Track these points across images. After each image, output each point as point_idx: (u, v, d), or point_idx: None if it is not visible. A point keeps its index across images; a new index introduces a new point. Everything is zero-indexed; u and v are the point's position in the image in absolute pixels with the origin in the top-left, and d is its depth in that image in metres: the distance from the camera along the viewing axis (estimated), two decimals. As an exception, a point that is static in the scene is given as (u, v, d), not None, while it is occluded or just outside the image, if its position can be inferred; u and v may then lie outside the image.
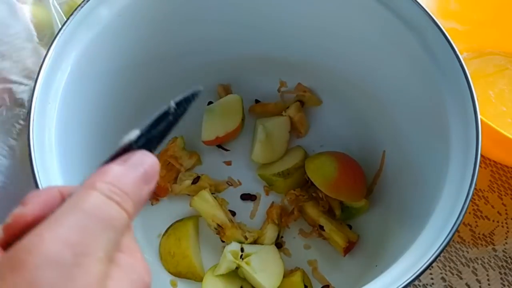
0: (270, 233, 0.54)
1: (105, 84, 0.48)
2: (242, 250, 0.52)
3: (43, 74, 0.42)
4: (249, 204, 0.57)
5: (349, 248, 0.53)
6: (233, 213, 0.56)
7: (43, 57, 0.42)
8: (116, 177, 0.23)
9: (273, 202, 0.56)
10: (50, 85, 0.42)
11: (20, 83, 0.45)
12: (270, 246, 0.53)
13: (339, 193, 0.53)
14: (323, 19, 0.51)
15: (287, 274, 0.52)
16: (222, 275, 0.51)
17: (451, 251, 0.57)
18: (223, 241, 0.54)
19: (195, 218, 0.55)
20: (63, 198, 0.23)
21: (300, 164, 0.56)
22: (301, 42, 0.55)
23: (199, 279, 0.52)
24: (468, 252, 0.58)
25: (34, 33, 0.47)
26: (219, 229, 0.53)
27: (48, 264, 0.19)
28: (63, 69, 0.43)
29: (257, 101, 0.61)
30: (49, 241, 0.20)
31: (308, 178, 0.55)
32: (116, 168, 0.23)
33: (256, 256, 0.51)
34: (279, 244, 0.55)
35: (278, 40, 0.55)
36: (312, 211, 0.54)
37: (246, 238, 0.53)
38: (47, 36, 0.48)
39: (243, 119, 0.59)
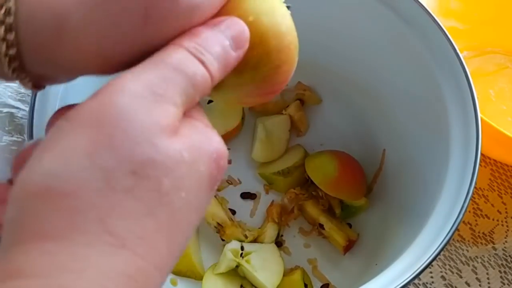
0: (270, 231, 0.54)
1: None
2: (242, 248, 0.52)
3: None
4: (249, 203, 0.57)
5: (349, 246, 0.53)
6: (233, 212, 0.56)
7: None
8: (204, 38, 0.23)
9: (273, 201, 0.56)
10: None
11: (18, 108, 0.45)
12: (270, 244, 0.53)
13: (339, 192, 0.54)
14: (323, 18, 0.51)
15: (287, 272, 0.52)
16: (222, 274, 0.51)
17: (451, 250, 0.57)
18: (223, 240, 0.54)
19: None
20: None
21: (300, 163, 0.56)
22: (301, 41, 0.55)
23: (199, 277, 0.52)
24: (468, 251, 0.58)
25: None
26: (219, 228, 0.53)
27: (122, 95, 0.20)
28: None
29: (257, 100, 0.61)
30: (130, 82, 0.21)
31: (308, 176, 0.55)
32: (205, 30, 0.23)
33: (256, 254, 0.52)
34: (279, 242, 0.55)
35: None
36: (312, 209, 0.54)
37: (246, 237, 0.53)
38: None
39: (243, 118, 0.59)
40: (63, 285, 0.18)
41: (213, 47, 0.23)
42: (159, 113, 0.21)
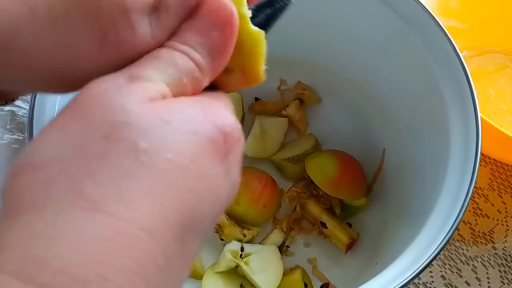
0: (274, 237, 0.53)
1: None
2: (242, 249, 0.52)
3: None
4: (249, 202, 0.57)
5: (350, 245, 0.53)
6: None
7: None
8: (182, 33, 0.23)
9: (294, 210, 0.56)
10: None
11: (20, 107, 0.45)
12: (271, 246, 0.53)
13: (339, 192, 0.53)
14: (323, 18, 0.51)
15: (287, 272, 0.52)
16: (222, 273, 0.51)
17: (451, 249, 0.57)
18: (222, 240, 0.54)
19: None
20: None
21: (311, 151, 0.56)
22: (301, 40, 0.55)
23: (198, 277, 0.52)
24: (468, 250, 0.58)
25: None
26: (218, 228, 0.53)
27: (104, 82, 0.21)
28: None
29: (256, 99, 0.61)
30: (109, 75, 0.21)
31: (308, 176, 0.55)
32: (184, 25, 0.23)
33: (256, 256, 0.51)
34: (281, 244, 0.54)
35: (278, 39, 0.55)
36: (314, 208, 0.54)
37: (244, 236, 0.53)
38: None
39: (243, 118, 0.59)
40: (36, 254, 0.18)
41: (190, 39, 0.23)
42: (133, 88, 0.21)
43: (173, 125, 0.20)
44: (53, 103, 0.42)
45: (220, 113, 0.22)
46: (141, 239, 0.19)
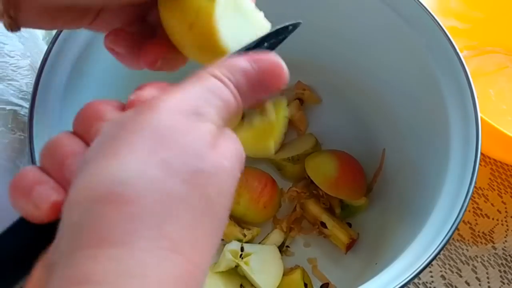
0: (274, 237, 0.54)
1: (106, 82, 0.48)
2: (242, 249, 0.52)
3: (44, 72, 0.42)
4: (249, 202, 0.57)
5: (350, 245, 0.53)
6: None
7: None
8: (237, 76, 0.25)
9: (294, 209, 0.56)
10: (50, 83, 0.42)
11: (21, 106, 0.45)
12: (271, 246, 0.53)
13: (339, 192, 0.54)
14: (323, 17, 0.51)
15: (287, 272, 0.52)
16: (222, 273, 0.51)
17: (451, 249, 0.57)
18: (222, 239, 0.54)
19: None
20: None
21: (310, 151, 0.56)
22: (301, 40, 0.55)
23: (203, 275, 0.52)
24: (468, 250, 0.58)
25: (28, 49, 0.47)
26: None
27: (173, 112, 0.22)
28: (63, 67, 0.43)
29: (257, 99, 0.61)
30: (174, 99, 0.23)
31: (308, 176, 0.55)
32: (242, 64, 0.25)
33: (255, 256, 0.51)
34: (281, 244, 0.54)
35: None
36: (314, 208, 0.54)
37: (244, 235, 0.53)
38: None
39: (243, 117, 0.58)
40: None
41: (243, 88, 0.25)
42: (203, 131, 0.23)
43: (227, 169, 0.23)
44: (53, 103, 0.42)
45: (239, 147, 0.25)
46: (200, 279, 0.21)
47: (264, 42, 0.28)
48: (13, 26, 0.28)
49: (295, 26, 0.30)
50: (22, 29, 0.29)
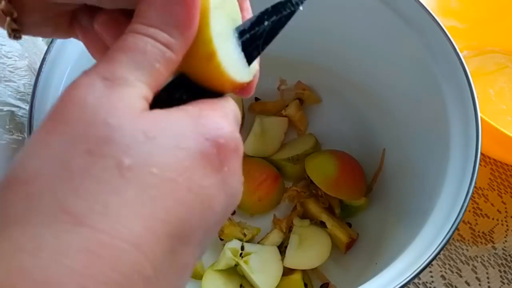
0: (274, 237, 0.54)
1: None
2: (242, 248, 0.52)
3: (43, 73, 0.42)
4: (249, 202, 0.57)
5: (350, 244, 0.53)
6: (232, 212, 0.56)
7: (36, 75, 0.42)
8: (143, 12, 0.23)
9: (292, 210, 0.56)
10: (50, 83, 0.42)
11: (19, 107, 0.45)
12: (271, 247, 0.53)
13: (339, 192, 0.54)
14: (323, 18, 0.51)
15: (287, 272, 0.52)
16: (222, 272, 0.51)
17: (451, 249, 0.57)
18: (221, 239, 0.54)
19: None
20: None
21: (310, 151, 0.56)
22: (301, 40, 0.55)
23: (198, 277, 0.52)
24: (467, 250, 0.58)
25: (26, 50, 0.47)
26: (218, 228, 0.53)
27: (81, 86, 0.21)
28: (63, 67, 0.43)
29: (256, 99, 0.61)
30: (84, 76, 0.22)
31: (308, 176, 0.55)
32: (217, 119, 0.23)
33: (255, 255, 0.51)
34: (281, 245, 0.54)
35: (278, 39, 0.55)
36: (313, 207, 0.54)
37: (244, 235, 0.53)
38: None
39: (243, 118, 0.59)
40: (20, 266, 0.18)
41: (152, 18, 0.23)
42: (114, 97, 0.21)
43: (158, 141, 0.21)
44: (53, 103, 0.42)
45: (214, 124, 0.22)
46: (126, 252, 0.19)
47: (263, 21, 0.26)
48: (15, 31, 0.27)
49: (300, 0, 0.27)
50: None
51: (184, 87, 0.24)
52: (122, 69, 0.22)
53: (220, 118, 0.23)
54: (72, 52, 0.43)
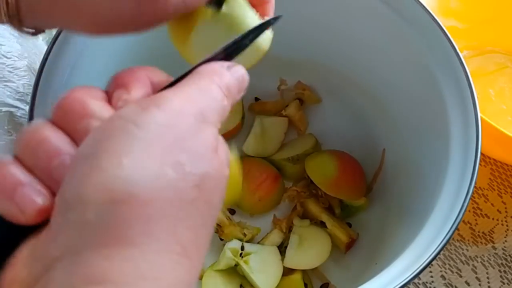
0: (274, 237, 0.54)
1: (105, 82, 0.48)
2: (242, 248, 0.52)
3: (44, 73, 0.42)
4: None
5: (350, 244, 0.53)
6: (232, 212, 0.56)
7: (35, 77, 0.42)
8: (228, 82, 0.26)
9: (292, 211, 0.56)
10: (50, 83, 0.42)
11: (18, 107, 0.45)
12: (272, 247, 0.53)
13: (339, 192, 0.53)
14: (323, 18, 0.51)
15: (287, 272, 0.52)
16: (222, 272, 0.51)
17: (451, 249, 0.57)
18: (221, 239, 0.54)
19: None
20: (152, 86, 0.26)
21: (310, 151, 0.56)
22: (301, 40, 0.55)
23: (198, 277, 0.52)
24: (467, 250, 0.58)
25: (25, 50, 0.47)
26: (217, 228, 0.53)
27: (181, 113, 0.22)
28: (63, 67, 0.43)
29: (256, 99, 0.61)
30: (179, 99, 0.23)
31: (308, 176, 0.55)
32: (228, 75, 0.26)
33: (255, 255, 0.51)
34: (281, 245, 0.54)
35: (278, 39, 0.55)
36: (313, 207, 0.54)
37: (244, 235, 0.53)
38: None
39: (243, 118, 0.59)
40: None
41: (233, 93, 0.26)
42: (209, 134, 0.23)
43: (227, 175, 0.24)
44: (53, 104, 0.42)
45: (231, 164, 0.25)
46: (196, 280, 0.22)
47: (246, 39, 0.29)
48: (19, 22, 0.28)
49: (275, 19, 0.31)
50: None
51: None
52: (216, 116, 0.24)
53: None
54: (72, 52, 0.43)
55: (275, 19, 0.31)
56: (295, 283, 0.51)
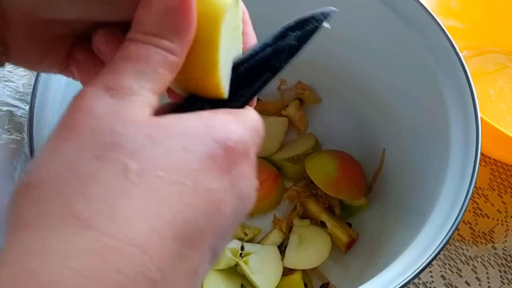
0: (274, 237, 0.54)
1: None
2: (242, 248, 0.52)
3: (44, 73, 0.42)
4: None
5: (350, 244, 0.53)
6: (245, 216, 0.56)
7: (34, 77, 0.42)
8: (142, 19, 0.23)
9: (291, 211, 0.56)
10: (50, 83, 0.42)
11: (18, 107, 0.45)
12: (272, 246, 0.53)
13: (339, 192, 0.54)
14: (323, 17, 0.51)
15: (287, 272, 0.52)
16: (223, 271, 0.51)
17: (451, 249, 0.57)
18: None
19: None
20: None
21: (310, 151, 0.56)
22: (301, 40, 0.55)
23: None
24: (468, 250, 0.58)
25: None
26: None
27: (88, 97, 0.22)
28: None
29: (257, 99, 0.61)
30: (89, 87, 0.22)
31: (308, 176, 0.55)
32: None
33: (255, 255, 0.51)
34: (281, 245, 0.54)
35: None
36: (313, 207, 0.54)
37: (245, 234, 0.53)
38: None
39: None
40: (27, 269, 0.18)
41: (151, 25, 0.23)
42: (118, 106, 0.21)
43: (165, 145, 0.21)
44: (53, 104, 0.42)
45: (224, 127, 0.23)
46: (132, 254, 0.19)
47: (286, 35, 0.26)
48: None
49: (324, 15, 0.28)
50: None
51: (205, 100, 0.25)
52: (126, 78, 0.22)
53: (232, 122, 0.24)
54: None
55: (324, 14, 0.29)
56: (295, 283, 0.51)
